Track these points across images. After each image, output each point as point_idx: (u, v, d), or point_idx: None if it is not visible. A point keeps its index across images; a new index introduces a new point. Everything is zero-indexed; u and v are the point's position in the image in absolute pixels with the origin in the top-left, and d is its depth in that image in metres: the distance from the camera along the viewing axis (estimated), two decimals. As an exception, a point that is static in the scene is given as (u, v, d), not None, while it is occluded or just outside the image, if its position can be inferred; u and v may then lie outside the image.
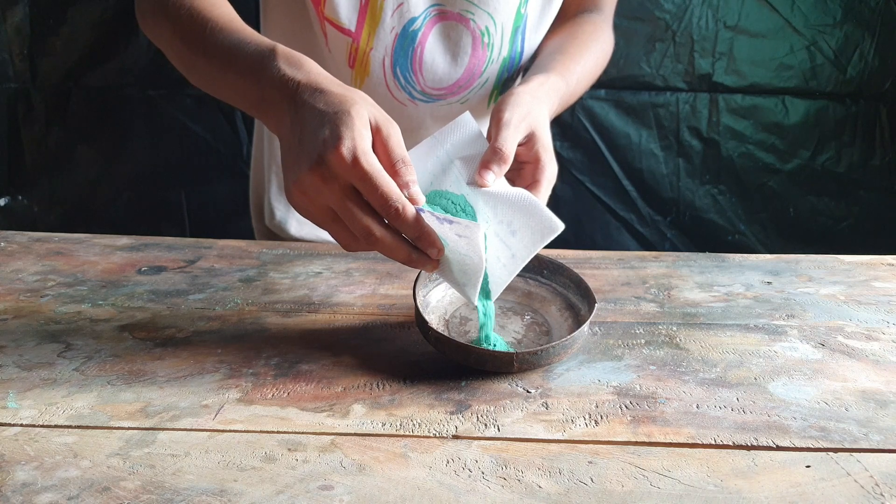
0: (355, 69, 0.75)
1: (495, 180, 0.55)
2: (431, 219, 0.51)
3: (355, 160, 0.48)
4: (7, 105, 1.66)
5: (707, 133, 1.62)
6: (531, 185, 0.59)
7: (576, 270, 0.62)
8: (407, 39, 0.72)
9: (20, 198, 1.72)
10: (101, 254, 0.79)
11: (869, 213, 1.63)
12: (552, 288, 0.64)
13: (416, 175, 0.52)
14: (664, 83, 1.58)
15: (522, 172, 0.60)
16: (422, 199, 0.52)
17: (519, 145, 0.59)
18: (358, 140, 0.48)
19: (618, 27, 1.54)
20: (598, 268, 0.75)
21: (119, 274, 0.73)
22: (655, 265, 0.76)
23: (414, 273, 0.72)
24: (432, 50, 0.73)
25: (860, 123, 1.58)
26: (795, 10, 1.51)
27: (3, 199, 1.70)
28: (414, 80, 0.74)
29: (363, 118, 0.49)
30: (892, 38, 1.52)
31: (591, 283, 0.60)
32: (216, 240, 0.83)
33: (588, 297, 0.59)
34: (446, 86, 0.75)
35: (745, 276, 0.73)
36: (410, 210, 0.49)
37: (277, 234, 0.95)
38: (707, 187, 1.66)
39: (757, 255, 0.79)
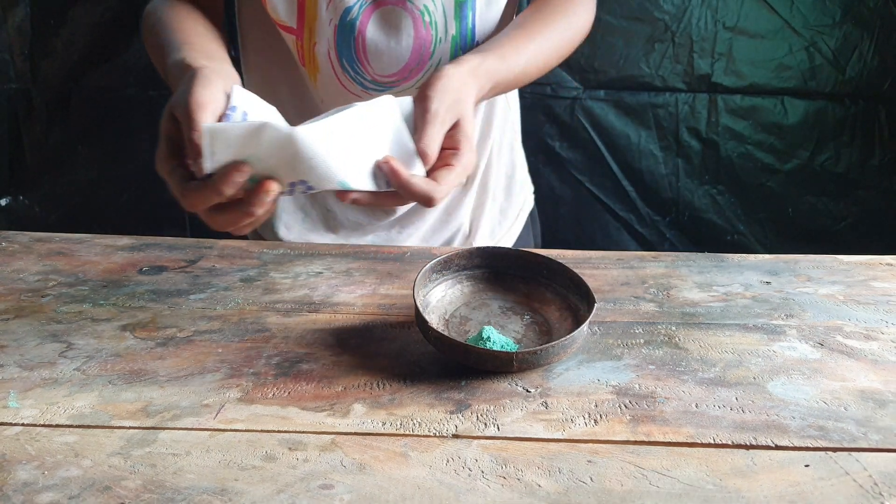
0: (307, 67, 0.75)
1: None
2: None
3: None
4: (8, 105, 1.66)
5: (706, 133, 1.62)
6: (444, 166, 0.58)
7: (575, 270, 0.62)
8: (346, 29, 0.71)
9: (21, 198, 1.72)
10: (102, 254, 0.79)
11: (868, 213, 1.63)
12: (552, 288, 0.64)
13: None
14: (663, 84, 1.58)
15: (440, 154, 0.59)
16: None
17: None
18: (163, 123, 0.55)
19: (617, 27, 1.55)
20: (598, 268, 0.75)
21: (120, 274, 0.74)
22: (655, 265, 0.76)
23: (414, 273, 0.72)
24: (374, 37, 0.71)
25: (859, 124, 1.59)
26: (794, 10, 1.51)
27: (4, 199, 1.70)
28: (362, 70, 0.73)
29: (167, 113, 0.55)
30: (891, 39, 1.52)
31: (591, 283, 0.60)
32: (217, 240, 0.83)
33: (587, 296, 0.59)
34: (396, 71, 0.74)
35: (744, 275, 0.73)
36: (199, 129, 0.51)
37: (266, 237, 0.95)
38: (706, 187, 1.66)
39: (756, 254, 0.79)
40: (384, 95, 0.59)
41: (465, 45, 0.73)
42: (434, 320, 0.60)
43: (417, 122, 0.58)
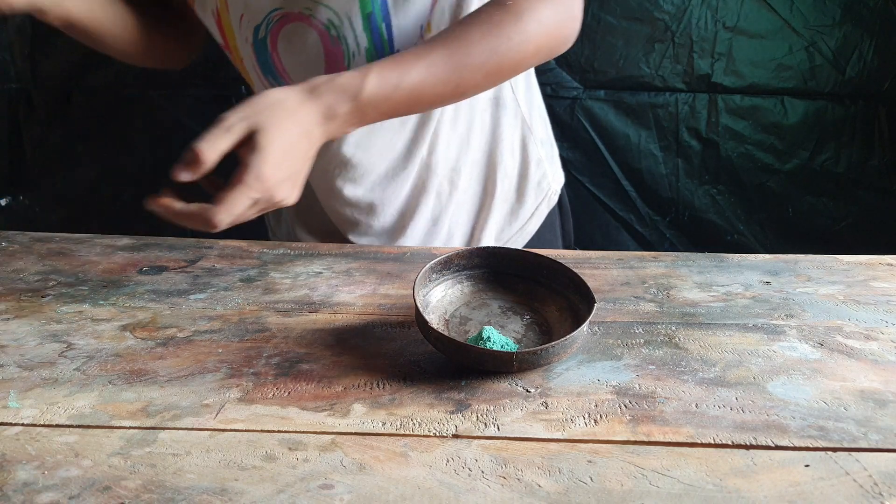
0: (246, 79, 0.76)
1: (189, 179, 0.57)
2: None
3: None
4: (8, 105, 1.66)
5: (706, 133, 1.62)
6: (227, 187, 0.57)
7: (575, 270, 0.62)
8: (259, 47, 0.70)
9: (21, 198, 1.72)
10: (102, 254, 0.79)
11: (867, 213, 1.63)
12: (552, 288, 0.64)
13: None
14: (663, 84, 1.58)
15: (237, 173, 0.58)
16: None
17: (241, 146, 0.58)
18: None
19: (617, 28, 1.55)
20: (598, 268, 0.75)
21: (120, 274, 0.74)
22: (655, 265, 0.76)
23: (414, 273, 0.72)
24: (285, 53, 0.70)
25: (859, 124, 1.59)
26: (794, 10, 1.51)
27: (4, 199, 1.70)
28: (287, 83, 0.71)
29: None
30: (891, 39, 1.52)
31: (591, 283, 0.60)
32: (217, 240, 0.83)
33: (587, 296, 0.59)
34: None
35: (744, 275, 0.73)
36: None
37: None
38: (706, 187, 1.66)
39: (756, 254, 0.79)
40: None
41: (384, 55, 0.69)
42: (434, 320, 0.60)
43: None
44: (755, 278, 0.72)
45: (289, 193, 0.61)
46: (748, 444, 0.46)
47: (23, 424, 0.48)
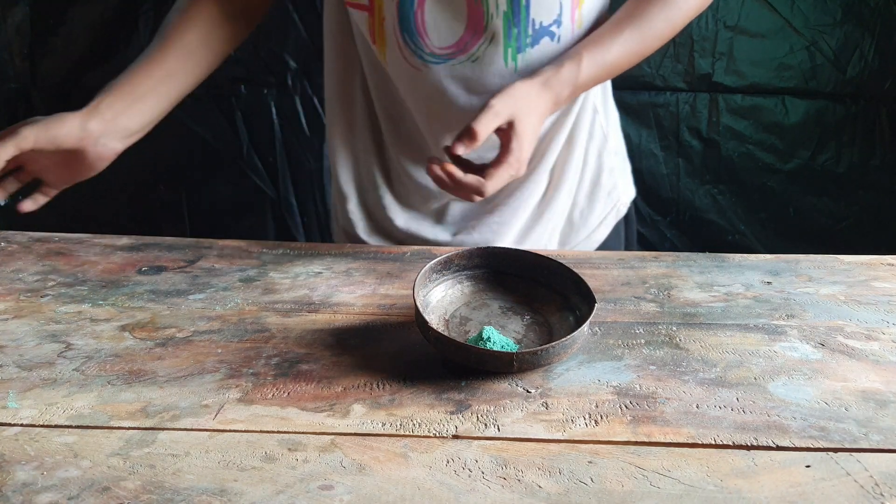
0: (377, 43, 0.81)
1: (464, 152, 0.68)
2: None
3: None
4: (7, 105, 1.66)
5: (707, 133, 1.62)
6: (494, 163, 0.69)
7: (575, 270, 0.62)
8: (407, 5, 0.77)
9: (21, 198, 1.72)
10: (101, 254, 0.79)
11: (869, 213, 1.63)
12: (552, 288, 0.64)
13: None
14: (664, 83, 1.58)
15: (498, 153, 0.70)
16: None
17: (500, 130, 0.70)
18: None
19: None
20: (598, 268, 0.75)
21: (119, 274, 0.74)
22: (655, 265, 0.76)
23: (414, 273, 0.72)
24: (431, 11, 0.77)
25: (860, 123, 1.58)
26: (795, 10, 1.51)
27: (3, 199, 1.70)
28: (422, 43, 0.78)
29: None
30: (892, 39, 1.52)
31: (591, 283, 0.60)
32: (216, 240, 0.83)
33: (588, 297, 0.59)
34: (452, 44, 0.78)
35: (745, 275, 0.73)
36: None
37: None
38: (707, 187, 1.66)
39: (757, 254, 0.79)
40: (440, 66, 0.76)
41: (518, 20, 0.77)
42: (434, 320, 0.60)
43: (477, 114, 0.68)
44: (756, 278, 0.72)
45: (525, 167, 0.73)
46: (749, 444, 0.46)
47: (22, 425, 0.48)
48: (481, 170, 0.70)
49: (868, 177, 1.61)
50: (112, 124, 0.78)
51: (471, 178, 0.68)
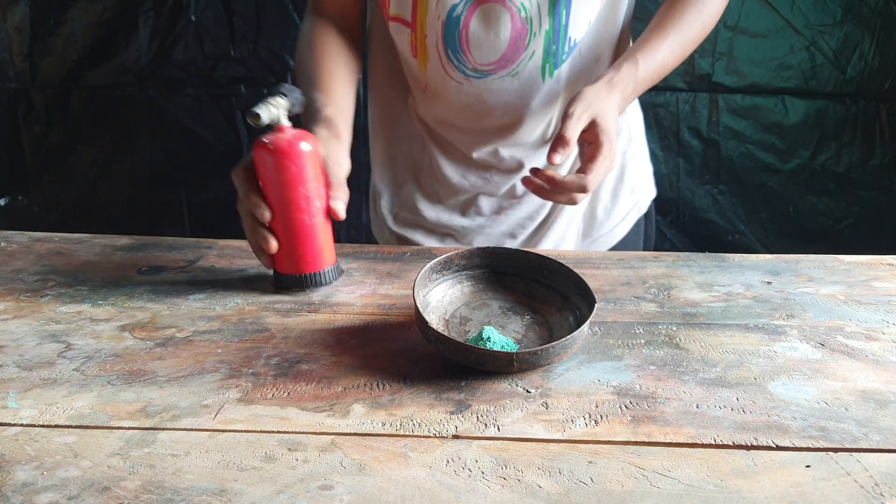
0: (418, 57, 0.84)
1: (562, 160, 0.70)
2: None
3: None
4: (7, 105, 1.66)
5: (707, 133, 1.62)
6: (590, 159, 0.72)
7: (575, 270, 0.62)
8: (452, 24, 0.80)
9: (20, 198, 1.72)
10: (101, 254, 0.79)
11: (869, 212, 1.63)
12: (552, 288, 0.64)
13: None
14: (664, 83, 1.57)
15: (588, 150, 0.73)
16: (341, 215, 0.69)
17: (584, 131, 0.73)
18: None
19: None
20: (598, 268, 0.75)
21: (119, 274, 0.74)
22: (655, 265, 0.76)
23: (414, 273, 0.72)
24: (475, 30, 0.80)
25: (860, 123, 1.59)
26: (795, 10, 1.51)
27: (3, 199, 1.70)
28: (465, 59, 0.82)
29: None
30: (892, 38, 1.52)
31: (591, 283, 0.60)
32: (216, 240, 0.83)
33: (588, 296, 0.59)
34: (494, 60, 0.82)
35: (745, 275, 0.73)
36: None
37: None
38: (707, 187, 1.66)
39: (757, 254, 0.79)
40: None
41: (558, 38, 0.81)
42: (434, 320, 0.60)
43: (561, 124, 0.71)
44: (756, 278, 0.72)
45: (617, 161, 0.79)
46: (749, 444, 0.46)
47: (22, 425, 0.48)
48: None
49: (868, 176, 1.61)
50: (347, 139, 0.79)
51: (572, 177, 0.71)
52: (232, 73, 1.59)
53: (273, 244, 0.67)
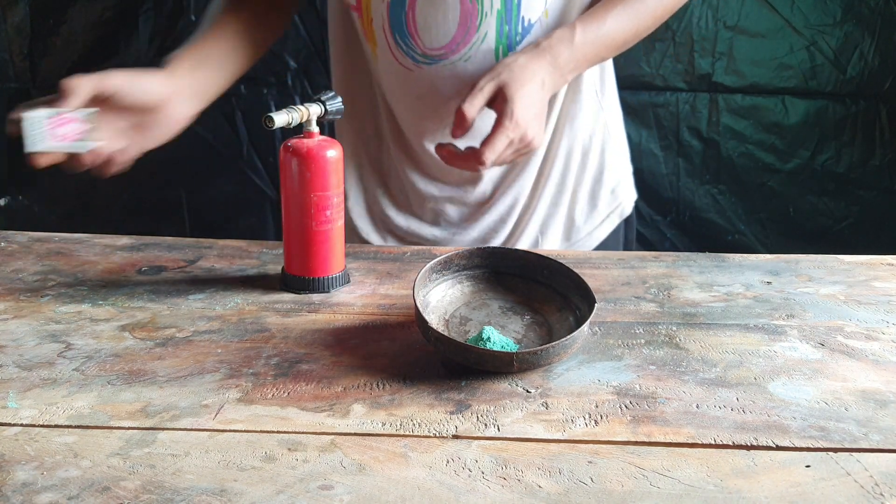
0: (369, 41, 0.81)
1: (462, 135, 0.69)
2: None
3: None
4: (7, 105, 1.66)
5: (707, 133, 1.62)
6: (492, 130, 0.70)
7: (575, 270, 0.62)
8: (397, 5, 0.77)
9: (20, 198, 1.72)
10: (101, 253, 0.79)
11: (869, 212, 1.63)
12: (552, 288, 0.64)
13: None
14: (664, 83, 1.58)
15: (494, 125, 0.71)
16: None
17: (494, 101, 0.70)
18: None
19: (618, 27, 1.55)
20: (598, 268, 0.75)
21: (119, 274, 0.74)
22: (655, 265, 0.76)
23: (414, 273, 0.72)
24: (423, 11, 0.77)
25: (860, 123, 1.58)
26: (795, 10, 1.51)
27: (3, 198, 1.70)
28: (413, 44, 0.78)
29: None
30: (892, 38, 1.52)
31: (591, 283, 0.60)
32: (216, 240, 0.83)
33: (588, 296, 0.59)
34: (444, 44, 0.78)
35: (745, 275, 0.73)
36: None
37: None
38: (707, 187, 1.66)
39: (757, 254, 0.79)
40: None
41: (511, 18, 0.77)
42: (434, 320, 0.60)
43: None
44: (756, 278, 0.72)
45: (537, 132, 0.72)
46: (749, 444, 0.46)
47: (22, 425, 0.48)
48: None
49: (868, 176, 1.61)
50: (186, 81, 0.76)
51: (468, 151, 0.70)
52: (231, 73, 1.59)
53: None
